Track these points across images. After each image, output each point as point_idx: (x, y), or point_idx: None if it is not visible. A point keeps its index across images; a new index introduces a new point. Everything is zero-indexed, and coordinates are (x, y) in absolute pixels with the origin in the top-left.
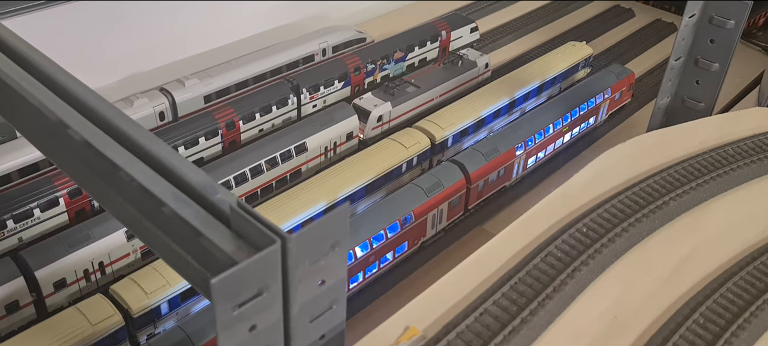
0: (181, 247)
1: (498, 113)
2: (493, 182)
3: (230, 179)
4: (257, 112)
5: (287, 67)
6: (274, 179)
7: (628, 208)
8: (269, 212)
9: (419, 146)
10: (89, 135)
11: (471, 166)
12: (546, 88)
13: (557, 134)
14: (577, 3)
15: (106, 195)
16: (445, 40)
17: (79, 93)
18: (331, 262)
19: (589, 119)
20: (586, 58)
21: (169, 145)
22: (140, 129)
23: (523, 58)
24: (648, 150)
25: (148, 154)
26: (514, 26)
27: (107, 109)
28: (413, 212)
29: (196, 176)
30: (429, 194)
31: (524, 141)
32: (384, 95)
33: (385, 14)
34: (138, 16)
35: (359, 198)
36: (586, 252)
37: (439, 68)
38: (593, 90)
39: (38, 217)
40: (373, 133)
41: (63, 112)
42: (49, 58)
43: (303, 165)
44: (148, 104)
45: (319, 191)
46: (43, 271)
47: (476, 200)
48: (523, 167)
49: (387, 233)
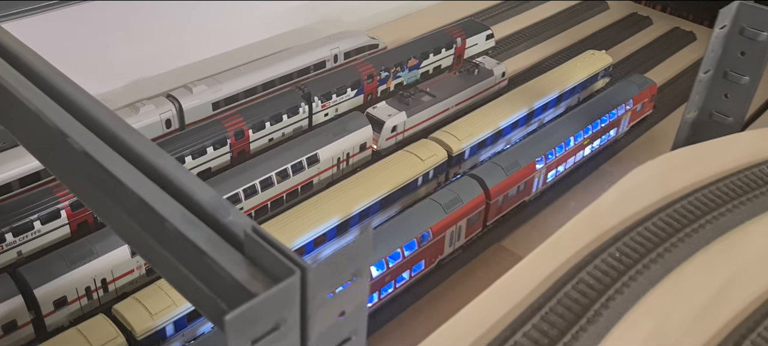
0: (191, 272)
1: (516, 124)
2: (513, 197)
3: (239, 191)
4: (267, 120)
5: (298, 73)
6: (284, 191)
7: (661, 231)
8: (280, 227)
9: (436, 159)
10: (90, 146)
11: (490, 180)
12: (565, 98)
13: (578, 147)
14: (593, 10)
15: (107, 211)
16: (460, 47)
17: (80, 100)
18: (353, 292)
19: (610, 131)
20: (606, 68)
21: (176, 154)
22: (146, 142)
23: (539, 66)
24: (678, 168)
25: (153, 170)
26: (529, 33)
27: (110, 119)
28: (431, 229)
29: (206, 195)
30: (447, 210)
31: (545, 154)
32: (398, 104)
33: (397, 19)
34: (145, 19)
35: (374, 213)
36: (620, 280)
37: (454, 77)
38: (614, 101)
39: (38, 230)
40: (387, 143)
41: (62, 121)
42: (48, 63)
43: (314, 177)
44: (154, 111)
45: (332, 206)
46: (43, 289)
47: (495, 215)
48: (543, 182)
49: (404, 252)
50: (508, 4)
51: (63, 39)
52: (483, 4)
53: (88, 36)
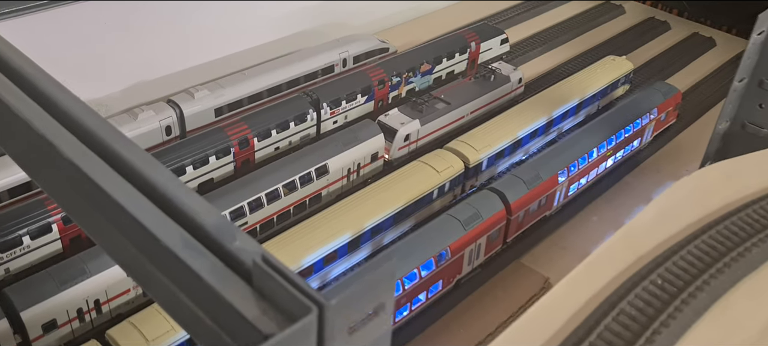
0: (193, 301)
1: (534, 134)
2: (534, 212)
3: (244, 204)
4: (273, 128)
5: (305, 78)
6: (291, 204)
7: (705, 255)
8: (288, 244)
9: (452, 170)
10: (80, 158)
11: (511, 195)
12: (584, 106)
13: (601, 158)
14: (610, 14)
15: (99, 231)
16: (474, 51)
17: (70, 107)
18: (373, 328)
19: (634, 142)
20: (627, 74)
21: (176, 164)
22: (142, 154)
23: (556, 72)
24: (716, 184)
25: (151, 186)
26: (544, 37)
27: (103, 128)
28: (449, 248)
29: (210, 216)
30: (467, 226)
31: (567, 166)
32: (411, 112)
33: (406, 22)
34: (144, 19)
35: (386, 228)
36: (665, 311)
37: (469, 83)
38: (639, 110)
39: (28, 245)
40: (399, 153)
41: (49, 129)
42: (35, 65)
43: (323, 189)
44: (154, 118)
45: (342, 221)
46: (31, 311)
47: (515, 231)
48: (565, 195)
49: (420, 272)
50: (523, 6)
51: (57, 40)
52: (495, 6)
53: (84, 37)
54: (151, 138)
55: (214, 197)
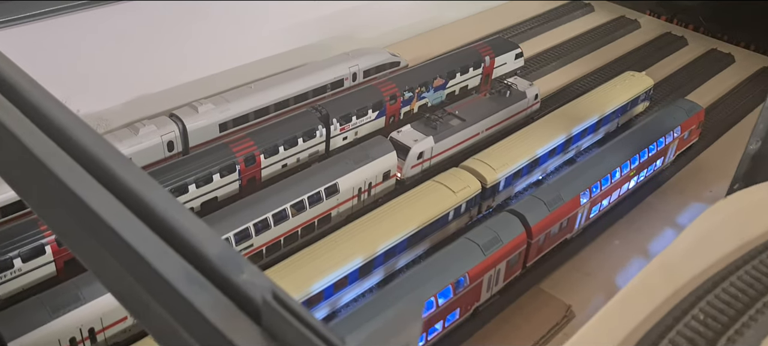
0: (197, 342)
1: (553, 152)
2: (555, 235)
3: (249, 225)
4: (281, 144)
5: (314, 92)
6: (300, 225)
7: (750, 287)
8: (296, 269)
9: (469, 190)
10: (73, 179)
11: (532, 217)
12: (604, 123)
13: (624, 179)
14: (625, 29)
15: (93, 258)
16: (489, 66)
17: (64, 122)
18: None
19: (657, 161)
20: (647, 91)
21: (178, 182)
22: (141, 175)
23: (571, 88)
24: (754, 209)
25: (150, 212)
26: (558, 52)
27: (99, 146)
28: (468, 274)
29: (214, 246)
30: (486, 251)
31: (589, 187)
32: (425, 128)
33: (416, 36)
34: (147, 30)
35: (400, 251)
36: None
37: (484, 98)
38: (662, 128)
39: (19, 268)
40: (412, 172)
41: (41, 147)
42: (28, 76)
43: (333, 209)
44: (156, 132)
45: (353, 244)
46: (19, 341)
47: (536, 255)
48: (587, 217)
49: (437, 301)
50: (535, 21)
51: (55, 51)
52: (506, 20)
53: (84, 47)
54: (153, 154)
55: (218, 217)
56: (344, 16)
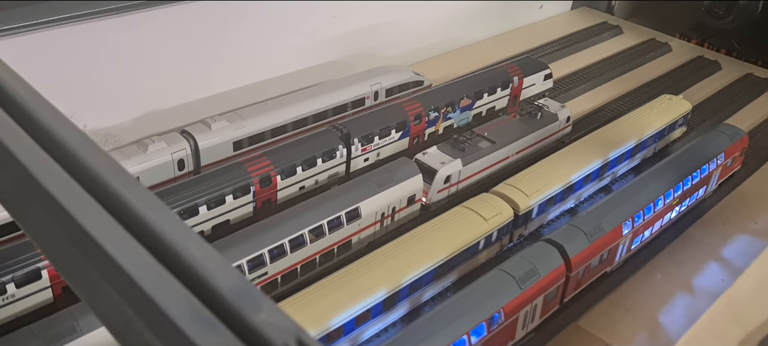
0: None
1: (588, 178)
2: (594, 268)
3: (264, 252)
4: (299, 165)
5: (333, 111)
6: (318, 252)
7: None
8: (314, 301)
9: (501, 218)
10: (69, 200)
11: (572, 248)
12: (641, 148)
13: (666, 208)
14: (655, 52)
15: (89, 289)
16: (517, 87)
17: (64, 137)
18: None
19: (700, 190)
20: (684, 115)
21: (188, 203)
22: (147, 196)
23: (602, 111)
24: None
25: (154, 237)
26: (587, 74)
27: (102, 162)
28: (503, 310)
29: (227, 278)
30: (522, 285)
31: (632, 216)
32: (452, 150)
33: (440, 56)
34: (161, 43)
35: (426, 283)
36: None
37: (514, 120)
38: (705, 154)
39: (12, 294)
40: (438, 197)
41: (36, 163)
42: (30, 87)
43: (354, 235)
44: (166, 150)
45: (376, 274)
46: None
47: (574, 290)
48: (628, 249)
49: (470, 339)
50: (562, 42)
51: (63, 62)
52: (532, 41)
53: (94, 59)
54: (162, 172)
55: (230, 242)
56: (366, 33)
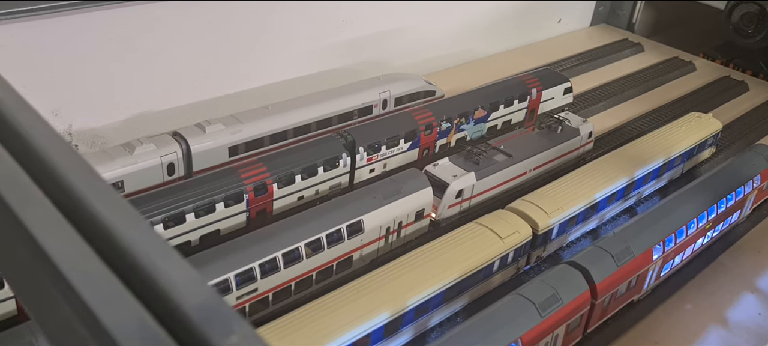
0: None
1: (612, 197)
2: (621, 296)
3: (254, 266)
4: (297, 173)
5: (338, 118)
6: (315, 269)
7: None
8: (308, 323)
9: (518, 237)
10: (24, 207)
11: (598, 273)
12: (668, 168)
13: (699, 233)
14: (679, 71)
15: (35, 302)
16: (535, 100)
17: (27, 133)
18: None
19: (733, 215)
20: (715, 134)
21: (175, 209)
22: (118, 203)
23: (625, 128)
24: None
25: (111, 245)
26: (608, 90)
27: (70, 162)
28: (521, 340)
29: (193, 296)
30: (543, 312)
31: (663, 240)
32: (465, 163)
33: (454, 67)
34: (158, 41)
35: (434, 306)
36: None
37: (532, 134)
38: (740, 176)
39: None
40: (448, 212)
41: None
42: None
43: (356, 251)
44: (154, 152)
45: (378, 294)
46: None
47: (599, 319)
48: (657, 276)
49: None
50: (582, 57)
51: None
52: (551, 55)
53: (83, 54)
54: (150, 177)
55: (217, 254)
56: (376, 41)
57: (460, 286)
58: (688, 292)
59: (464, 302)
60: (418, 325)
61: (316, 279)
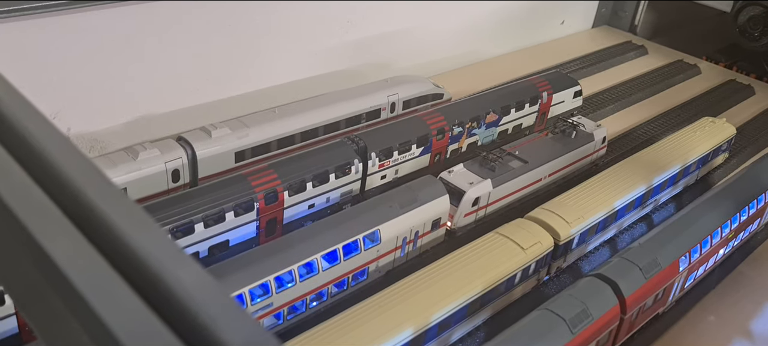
0: None
1: (631, 205)
2: (648, 309)
3: (270, 279)
4: (309, 180)
5: (346, 122)
6: (331, 281)
7: None
8: (324, 340)
9: (540, 247)
10: (33, 217)
11: (627, 286)
12: (684, 175)
13: (723, 242)
14: (684, 74)
15: (44, 323)
16: (546, 103)
17: (36, 139)
18: None
19: (753, 223)
20: (729, 140)
21: (182, 219)
22: (137, 214)
23: (635, 133)
24: None
25: (138, 267)
26: (615, 94)
27: (81, 168)
28: None
29: (236, 331)
30: (574, 328)
31: (689, 251)
32: (480, 169)
33: (460, 69)
34: (161, 41)
35: (458, 321)
36: None
37: (546, 139)
38: (762, 183)
39: None
40: (464, 221)
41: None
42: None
43: (372, 262)
44: (158, 158)
45: (400, 310)
46: None
47: (627, 333)
48: (681, 287)
49: None
50: (587, 60)
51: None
52: (557, 57)
53: (82, 55)
54: (154, 184)
55: (229, 267)
56: (382, 42)
57: (482, 299)
58: (710, 303)
59: (485, 316)
60: (441, 341)
61: (331, 293)
